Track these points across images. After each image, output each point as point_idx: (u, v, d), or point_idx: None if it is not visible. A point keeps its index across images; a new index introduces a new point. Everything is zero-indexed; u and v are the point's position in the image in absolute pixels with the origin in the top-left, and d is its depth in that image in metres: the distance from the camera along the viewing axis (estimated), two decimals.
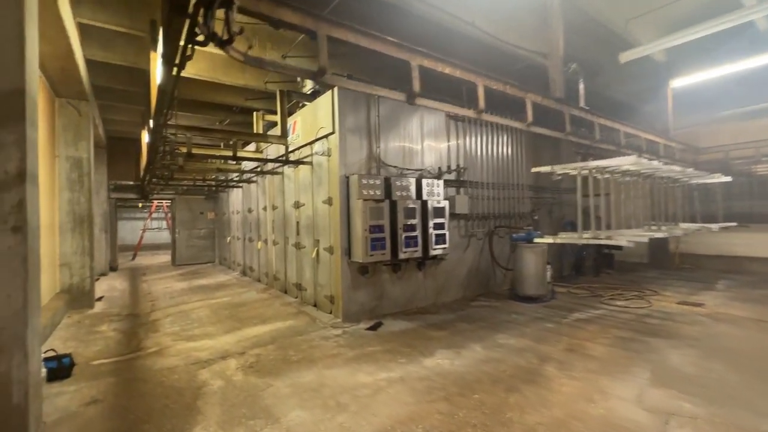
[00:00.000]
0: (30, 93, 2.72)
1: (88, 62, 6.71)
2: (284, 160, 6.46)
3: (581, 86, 7.74)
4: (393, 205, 5.97)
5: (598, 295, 7.64)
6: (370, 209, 5.68)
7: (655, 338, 4.94)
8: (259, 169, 8.16)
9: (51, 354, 4.07)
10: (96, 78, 7.46)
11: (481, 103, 4.45)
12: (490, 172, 7.96)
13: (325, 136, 6.20)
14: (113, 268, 12.90)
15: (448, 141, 7.40)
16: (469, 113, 4.74)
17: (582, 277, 9.72)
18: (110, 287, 9.87)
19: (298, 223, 7.39)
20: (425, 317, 6.23)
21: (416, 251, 6.20)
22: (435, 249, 6.42)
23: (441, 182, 6.77)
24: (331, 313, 6.23)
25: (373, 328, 5.59)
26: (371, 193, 5.82)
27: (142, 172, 11.58)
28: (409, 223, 6.12)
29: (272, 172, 8.21)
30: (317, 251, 6.58)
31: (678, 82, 8.84)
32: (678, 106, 9.92)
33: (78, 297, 7.14)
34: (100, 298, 8.18)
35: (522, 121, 5.47)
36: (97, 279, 10.81)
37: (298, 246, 7.38)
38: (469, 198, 7.46)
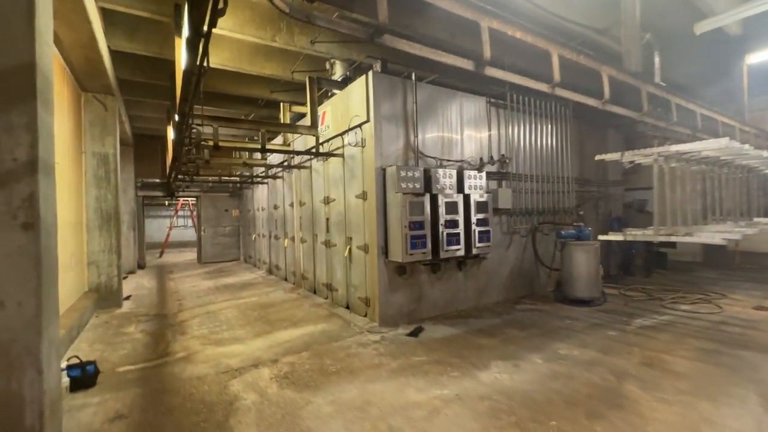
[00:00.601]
0: (42, 68, 2.36)
1: (113, 54, 6.48)
2: (314, 152, 6.04)
3: (656, 60, 6.89)
4: (433, 200, 5.46)
5: (656, 297, 6.90)
6: (410, 204, 5.18)
7: (746, 351, 4.25)
8: (286, 163, 7.80)
9: (75, 361, 3.78)
10: (120, 70, 7.25)
11: (556, 75, 3.87)
12: (533, 163, 7.32)
13: (359, 126, 5.74)
14: (141, 266, 12.93)
15: (489, 130, 6.81)
16: (543, 87, 4.13)
17: (631, 277, 8.94)
18: (138, 286, 9.78)
19: (327, 219, 6.98)
20: (468, 322, 5.71)
21: (459, 249, 5.68)
22: (478, 247, 5.87)
23: (483, 174, 6.20)
24: (365, 316, 5.78)
25: (413, 333, 5.11)
26: (410, 186, 5.32)
27: (168, 169, 11.50)
28: (450, 218, 5.60)
29: (300, 167, 7.83)
30: (350, 250, 6.14)
31: (754, 58, 7.85)
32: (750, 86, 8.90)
33: (106, 296, 6.97)
34: (127, 297, 8.04)
35: (597, 99, 4.78)
36: (125, 277, 10.78)
37: (328, 244, 6.98)
38: (512, 192, 6.86)
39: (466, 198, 5.80)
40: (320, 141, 6.59)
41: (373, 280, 5.51)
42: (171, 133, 9.01)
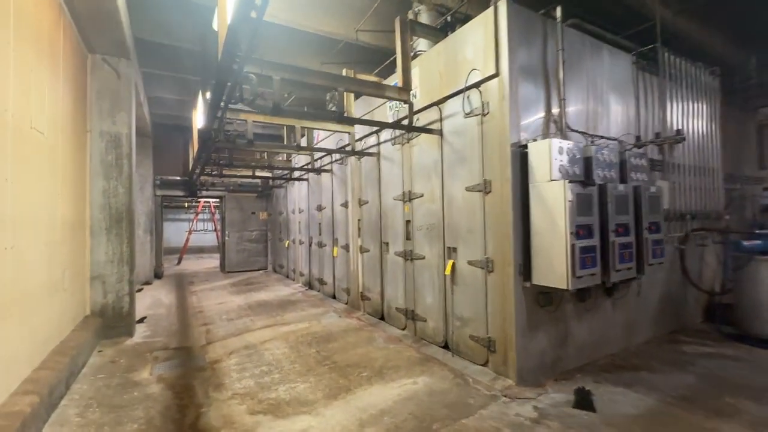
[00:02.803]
0: None
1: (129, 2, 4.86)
2: (407, 126, 4.22)
3: None
4: (601, 193, 3.59)
5: None
6: (577, 198, 3.32)
7: None
8: (349, 148, 6.00)
9: None
10: (139, 29, 5.63)
11: None
12: (685, 150, 5.39)
13: (476, 85, 3.92)
14: (158, 275, 11.33)
15: (637, 101, 4.92)
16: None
17: None
18: (154, 301, 8.10)
19: (408, 223, 5.16)
20: (642, 377, 3.78)
21: (630, 268, 3.77)
22: (651, 264, 3.95)
23: (645, 159, 4.30)
24: (486, 365, 3.91)
25: (583, 403, 3.21)
26: (570, 170, 3.48)
27: (191, 165, 9.90)
28: (621, 221, 3.71)
29: (362, 153, 6.04)
30: (453, 265, 4.29)
31: None
32: None
33: (113, 322, 5.26)
34: (142, 320, 6.33)
35: None
36: (140, 289, 9.15)
37: (408, 256, 5.14)
38: (669, 186, 4.94)
39: (636, 192, 3.91)
40: (402, 115, 4.81)
41: (506, 314, 3.64)
42: (198, 120, 7.38)
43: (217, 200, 14.54)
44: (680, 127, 5.17)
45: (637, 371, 3.95)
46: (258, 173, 10.78)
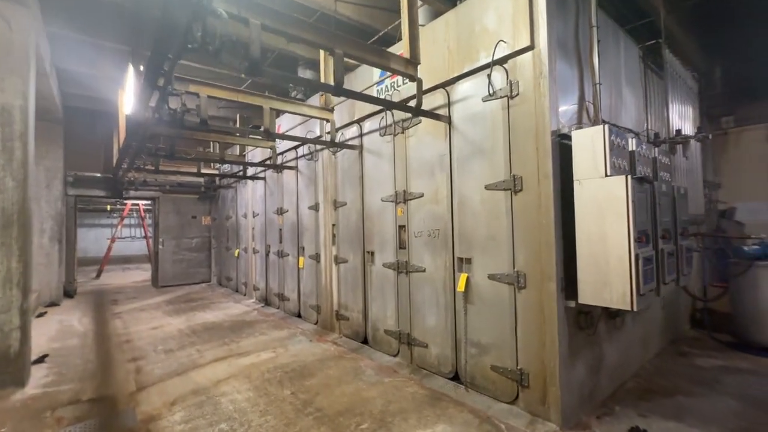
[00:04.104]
0: None
1: None
2: (414, 108, 3.38)
3: None
4: (651, 192, 3.05)
5: None
6: (638, 198, 2.73)
7: None
8: (324, 139, 5.01)
9: None
10: None
11: None
12: (679, 153, 5.22)
13: (501, 61, 3.24)
14: (69, 294, 9.22)
15: (646, 97, 4.60)
16: None
17: None
18: (62, 330, 6.35)
19: (402, 228, 4.33)
20: (680, 403, 3.32)
21: (674, 279, 3.29)
22: (685, 274, 3.53)
23: (668, 158, 3.93)
24: (514, 403, 3.18)
25: None
26: (623, 166, 2.90)
27: (115, 159, 8.14)
28: (666, 226, 3.23)
29: (342, 146, 5.10)
30: (467, 280, 3.53)
31: None
32: None
33: None
34: (41, 359, 4.75)
35: None
36: (42, 314, 7.25)
37: (403, 267, 4.31)
38: None
39: (674, 191, 3.47)
40: (396, 100, 3.99)
41: (546, 340, 2.95)
42: (127, 103, 5.90)
43: (149, 202, 12.51)
44: (679, 128, 4.97)
45: (673, 396, 3.48)
46: (203, 170, 9.27)
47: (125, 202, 14.04)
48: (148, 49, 3.64)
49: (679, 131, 4.82)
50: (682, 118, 5.36)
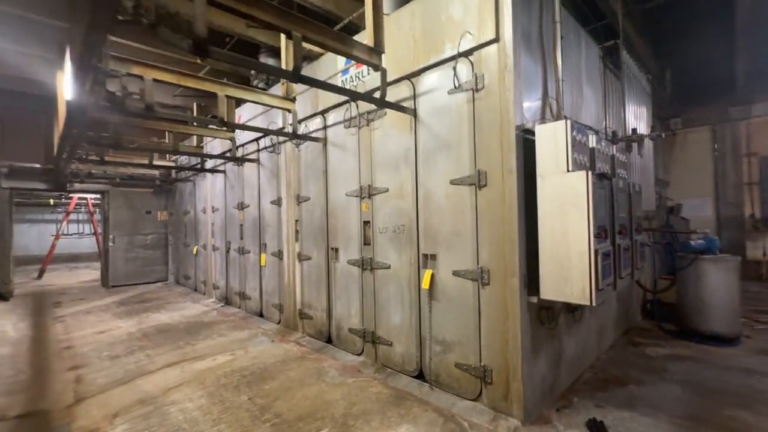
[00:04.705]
0: None
1: None
2: (379, 100, 3.25)
3: None
4: (610, 187, 3.11)
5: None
6: (598, 194, 2.75)
7: None
8: (287, 131, 4.77)
9: None
10: None
11: None
12: (633, 151, 5.44)
13: (467, 53, 3.17)
14: (3, 297, 8.38)
15: (604, 95, 4.73)
16: None
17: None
18: None
19: (367, 223, 4.21)
20: (632, 392, 3.45)
21: (629, 273, 3.39)
22: (639, 268, 3.65)
23: (626, 156, 4.06)
24: (477, 400, 3.17)
25: None
26: (584, 162, 2.93)
27: (56, 148, 7.43)
28: (622, 222, 3.31)
29: (305, 137, 4.89)
30: (432, 277, 3.48)
31: None
32: None
33: None
34: None
35: None
36: None
37: (368, 264, 4.19)
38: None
39: (627, 188, 3.57)
40: (367, 88, 3.86)
41: (509, 336, 2.94)
42: (66, 86, 5.36)
43: (98, 196, 11.61)
44: (635, 127, 5.16)
45: (625, 385, 3.61)
46: (158, 162, 8.70)
47: (71, 195, 12.96)
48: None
49: (635, 130, 5.01)
50: (637, 118, 5.58)
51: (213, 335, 5.52)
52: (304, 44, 2.79)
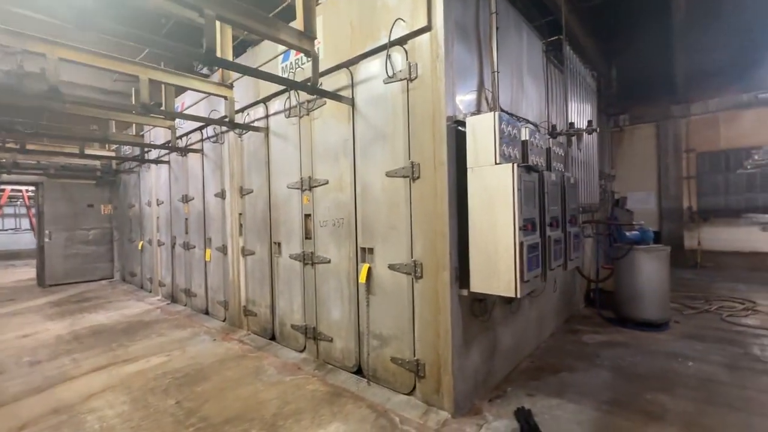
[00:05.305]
0: None
1: None
2: (311, 87, 3.10)
3: None
4: (541, 181, 3.13)
5: (702, 310, 5.79)
6: (525, 187, 2.76)
7: None
8: (228, 120, 4.52)
9: None
10: None
11: None
12: (576, 145, 5.59)
13: (401, 41, 3.09)
14: None
15: (547, 89, 4.80)
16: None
17: None
18: None
19: (308, 216, 4.07)
20: (564, 380, 3.56)
21: (560, 265, 3.47)
22: (572, 259, 3.75)
23: (562, 149, 4.14)
24: (412, 394, 3.15)
25: (528, 430, 2.71)
26: (514, 155, 2.92)
27: None
28: (554, 214, 3.36)
29: (246, 127, 4.66)
30: (370, 271, 3.41)
31: None
32: None
33: None
34: None
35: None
36: None
37: (309, 259, 4.07)
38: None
39: (564, 181, 3.64)
40: (300, 79, 3.69)
41: (440, 330, 2.92)
42: None
43: (33, 187, 10.69)
44: (572, 121, 5.29)
45: (558, 373, 3.72)
46: (96, 152, 8.10)
47: (2, 188, 11.88)
48: None
49: (572, 124, 5.13)
50: (580, 114, 5.73)
51: (152, 335, 5.22)
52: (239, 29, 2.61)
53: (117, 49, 5.74)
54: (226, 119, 4.73)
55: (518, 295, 2.63)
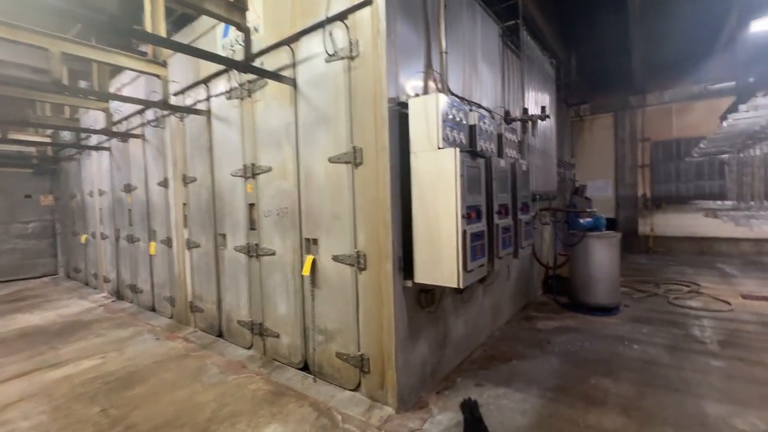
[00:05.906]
0: None
1: None
2: (242, 64, 2.82)
3: None
4: (488, 167, 3.03)
5: (651, 294, 6.02)
6: (469, 173, 2.64)
7: None
8: (167, 102, 4.14)
9: None
10: None
11: None
12: (533, 133, 5.58)
13: (341, 16, 2.86)
14: None
15: (503, 77, 4.71)
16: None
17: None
18: None
19: (252, 206, 3.82)
20: (513, 368, 3.55)
21: (510, 253, 3.41)
22: (523, 247, 3.71)
23: (516, 136, 4.07)
24: (357, 390, 3.02)
25: (473, 426, 2.64)
26: (460, 139, 2.80)
27: None
28: (503, 202, 3.28)
29: (189, 110, 4.31)
30: (314, 263, 3.23)
31: None
32: None
33: None
34: None
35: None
36: None
37: (254, 251, 3.83)
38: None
39: (513, 168, 3.56)
40: (236, 57, 3.40)
41: (384, 323, 2.80)
42: None
43: None
44: (527, 107, 5.25)
45: (509, 361, 3.71)
46: (26, 137, 7.39)
47: None
48: None
49: (526, 110, 5.09)
50: (537, 102, 5.71)
51: (89, 336, 4.83)
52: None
53: (42, 23, 5.17)
54: (164, 100, 4.34)
55: (461, 286, 2.53)
